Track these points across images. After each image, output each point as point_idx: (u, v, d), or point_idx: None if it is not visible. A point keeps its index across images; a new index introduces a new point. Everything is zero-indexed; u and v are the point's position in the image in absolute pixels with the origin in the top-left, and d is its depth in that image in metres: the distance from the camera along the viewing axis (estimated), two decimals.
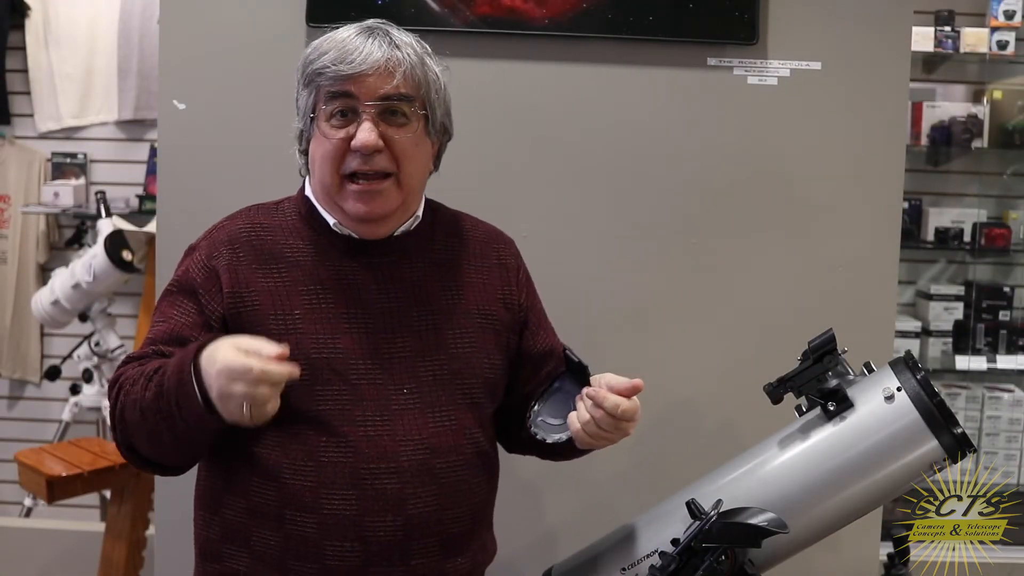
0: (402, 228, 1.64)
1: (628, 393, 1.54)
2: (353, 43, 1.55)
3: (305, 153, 1.64)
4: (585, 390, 1.56)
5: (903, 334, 3.69)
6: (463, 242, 1.72)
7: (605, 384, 1.55)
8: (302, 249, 1.61)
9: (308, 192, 1.66)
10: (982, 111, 3.73)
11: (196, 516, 1.66)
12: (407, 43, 1.59)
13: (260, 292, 1.58)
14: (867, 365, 1.62)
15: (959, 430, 1.49)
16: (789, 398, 1.59)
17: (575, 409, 1.57)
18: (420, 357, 1.60)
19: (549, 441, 1.62)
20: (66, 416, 3.87)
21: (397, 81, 1.55)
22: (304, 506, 1.53)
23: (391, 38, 1.58)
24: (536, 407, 1.67)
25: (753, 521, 1.48)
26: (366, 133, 1.53)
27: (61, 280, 3.55)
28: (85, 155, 4.28)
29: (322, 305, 1.58)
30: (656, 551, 1.56)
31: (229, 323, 1.57)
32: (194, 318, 1.58)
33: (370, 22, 1.61)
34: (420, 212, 1.67)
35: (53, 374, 3.96)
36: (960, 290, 3.80)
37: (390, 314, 1.61)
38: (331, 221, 1.62)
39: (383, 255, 1.63)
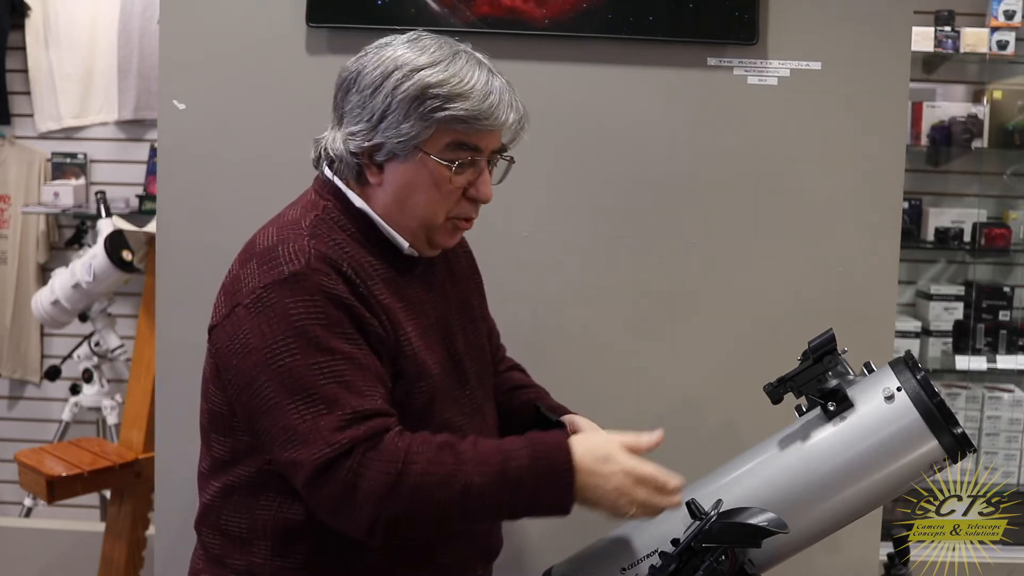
0: None
1: None
2: (496, 97, 1.51)
3: (369, 161, 1.54)
4: None
5: (903, 334, 3.68)
6: None
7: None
8: (376, 266, 1.54)
9: (365, 208, 1.56)
10: (982, 111, 3.73)
11: (260, 546, 1.55)
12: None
13: (387, 311, 1.51)
14: (867, 365, 1.62)
15: (959, 430, 1.49)
16: (789, 398, 1.59)
17: None
18: (467, 356, 1.64)
19: None
20: (66, 416, 3.87)
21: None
22: None
23: (511, 88, 1.55)
24: None
25: (753, 521, 1.48)
26: (489, 187, 1.56)
27: (61, 280, 3.54)
28: (85, 155, 4.28)
29: (414, 320, 1.56)
30: (656, 551, 1.56)
31: (388, 347, 1.50)
32: (371, 350, 1.48)
33: (484, 60, 1.55)
34: None
35: (53, 374, 3.96)
36: (960, 290, 3.80)
37: (445, 320, 1.63)
38: (404, 245, 1.57)
39: (423, 266, 1.62)
